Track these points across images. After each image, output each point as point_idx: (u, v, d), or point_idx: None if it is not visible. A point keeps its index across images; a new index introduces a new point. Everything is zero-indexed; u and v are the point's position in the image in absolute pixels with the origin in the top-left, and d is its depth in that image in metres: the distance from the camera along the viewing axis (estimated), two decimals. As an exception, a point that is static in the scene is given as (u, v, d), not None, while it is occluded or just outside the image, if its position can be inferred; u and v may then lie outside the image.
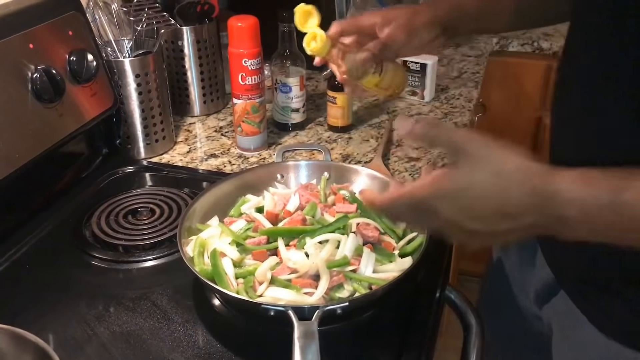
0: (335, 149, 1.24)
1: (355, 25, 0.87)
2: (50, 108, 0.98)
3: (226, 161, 1.21)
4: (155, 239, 0.95)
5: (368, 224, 0.87)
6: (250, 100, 1.17)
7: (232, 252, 0.84)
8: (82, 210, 1.03)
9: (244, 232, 0.90)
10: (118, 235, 0.96)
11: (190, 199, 1.04)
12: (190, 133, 1.32)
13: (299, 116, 1.31)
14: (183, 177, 1.15)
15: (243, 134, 1.21)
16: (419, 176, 1.12)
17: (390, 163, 1.18)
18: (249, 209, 0.94)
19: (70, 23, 1.04)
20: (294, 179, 1.02)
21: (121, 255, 0.93)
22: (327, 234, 0.84)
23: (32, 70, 0.95)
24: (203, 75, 1.35)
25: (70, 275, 0.91)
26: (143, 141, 1.19)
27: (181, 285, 0.87)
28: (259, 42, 1.14)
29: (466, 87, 1.53)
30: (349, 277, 0.80)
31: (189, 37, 1.29)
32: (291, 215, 0.91)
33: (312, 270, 0.80)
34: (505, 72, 1.88)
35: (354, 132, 1.31)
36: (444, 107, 1.42)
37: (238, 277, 0.81)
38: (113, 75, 1.12)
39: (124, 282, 0.90)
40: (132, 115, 1.16)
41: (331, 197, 0.96)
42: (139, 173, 1.17)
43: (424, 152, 1.21)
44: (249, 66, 1.14)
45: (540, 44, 1.81)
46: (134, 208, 1.03)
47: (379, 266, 0.82)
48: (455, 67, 1.65)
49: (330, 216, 0.91)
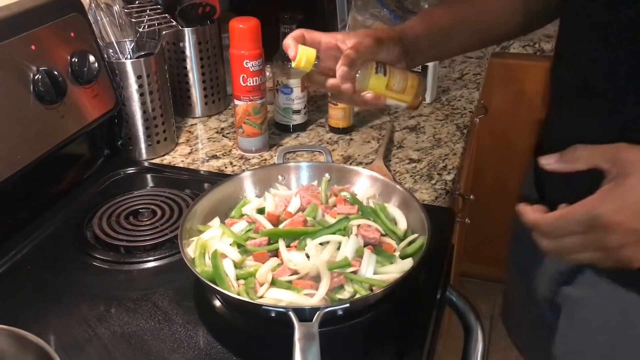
0: (336, 150, 1.24)
1: (312, 39, 0.83)
2: (52, 109, 0.99)
3: (227, 162, 1.21)
4: (156, 240, 0.95)
5: (369, 226, 0.87)
6: (252, 101, 1.17)
7: (233, 253, 0.84)
8: (84, 211, 1.03)
9: (245, 233, 0.90)
10: (119, 236, 0.96)
11: (191, 200, 1.04)
12: (192, 134, 1.32)
13: (300, 117, 1.32)
14: (184, 179, 1.15)
15: (244, 135, 1.21)
16: (417, 177, 1.12)
17: (392, 164, 1.18)
18: (250, 211, 0.94)
19: (72, 25, 1.04)
20: (295, 181, 1.02)
21: (122, 256, 0.93)
22: (328, 235, 0.84)
23: (34, 71, 0.95)
24: (204, 76, 1.35)
25: (72, 276, 0.91)
26: (144, 142, 1.19)
27: (182, 286, 0.87)
28: (260, 43, 1.14)
29: (467, 88, 1.53)
30: (349, 278, 0.80)
31: (190, 39, 1.30)
32: (292, 216, 0.91)
33: (312, 271, 0.80)
34: (507, 73, 1.88)
35: (355, 134, 1.31)
36: (445, 108, 1.42)
37: (239, 278, 0.81)
38: (115, 76, 1.12)
39: (125, 283, 0.90)
40: (133, 116, 1.16)
41: (332, 199, 0.96)
42: (141, 174, 1.17)
43: (425, 153, 1.22)
44: (250, 67, 1.14)
45: (541, 45, 1.81)
46: (135, 209, 1.03)
47: (379, 267, 0.82)
48: (456, 69, 1.65)
49: (331, 217, 0.91)
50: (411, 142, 1.26)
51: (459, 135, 1.29)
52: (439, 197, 1.07)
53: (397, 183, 0.98)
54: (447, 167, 1.16)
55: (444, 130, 1.31)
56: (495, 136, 1.98)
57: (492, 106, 1.89)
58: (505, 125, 1.96)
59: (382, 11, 1.69)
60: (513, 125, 1.96)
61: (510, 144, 2.00)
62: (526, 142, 1.98)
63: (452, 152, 1.22)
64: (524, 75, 1.87)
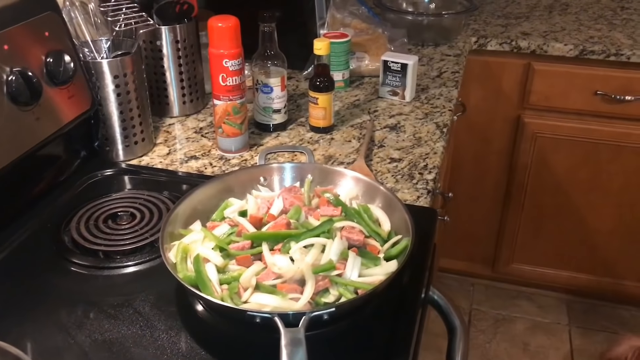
0: (317, 150, 1.23)
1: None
2: (27, 111, 0.96)
3: (207, 163, 1.19)
4: (136, 244, 0.93)
5: (353, 227, 0.87)
6: (231, 101, 1.16)
7: (216, 257, 0.83)
8: (61, 215, 1.01)
9: (228, 236, 0.88)
10: (98, 241, 0.94)
11: (171, 202, 1.03)
12: (170, 134, 1.30)
13: (281, 117, 1.31)
14: (163, 180, 1.13)
15: (224, 136, 1.20)
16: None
17: (373, 164, 1.18)
18: (232, 213, 0.93)
19: (46, 24, 1.01)
20: (277, 182, 1.01)
21: (101, 261, 0.91)
22: (312, 238, 0.83)
23: (7, 72, 0.93)
24: (182, 75, 1.33)
25: (50, 281, 0.89)
26: (122, 143, 1.17)
27: (164, 291, 0.85)
28: (239, 42, 1.12)
29: (446, 86, 1.53)
30: (334, 281, 0.79)
31: (167, 37, 1.28)
32: (275, 219, 0.90)
33: (297, 275, 0.79)
34: (484, 71, 1.89)
35: (336, 133, 1.30)
36: (425, 107, 1.42)
37: (222, 283, 0.80)
38: (91, 76, 1.10)
39: (105, 289, 0.88)
40: (110, 117, 1.14)
41: (315, 200, 0.96)
42: (118, 176, 1.15)
43: (406, 152, 1.22)
44: (229, 67, 1.12)
45: (518, 42, 1.82)
46: (113, 212, 1.01)
47: (364, 270, 0.82)
48: (434, 67, 1.66)
49: (315, 219, 0.90)
50: (392, 141, 1.26)
51: (438, 134, 1.29)
52: (420, 196, 1.07)
53: (379, 184, 0.98)
54: (428, 166, 1.17)
55: (424, 129, 1.31)
56: (473, 133, 1.99)
57: (470, 104, 1.90)
58: (483, 122, 1.97)
59: (361, 9, 1.69)
60: (490, 122, 1.97)
61: (487, 141, 2.01)
62: (503, 139, 2.00)
63: (433, 151, 1.22)
64: (501, 73, 1.88)
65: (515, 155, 2.00)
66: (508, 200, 2.09)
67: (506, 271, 2.23)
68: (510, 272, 2.23)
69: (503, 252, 2.19)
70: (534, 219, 2.10)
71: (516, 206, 2.09)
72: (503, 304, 2.30)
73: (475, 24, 1.97)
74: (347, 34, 1.50)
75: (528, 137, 1.94)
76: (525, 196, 2.06)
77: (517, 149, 1.98)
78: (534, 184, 2.03)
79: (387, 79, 1.44)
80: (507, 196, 2.09)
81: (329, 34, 1.50)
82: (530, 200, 2.07)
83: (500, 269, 2.23)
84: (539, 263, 2.18)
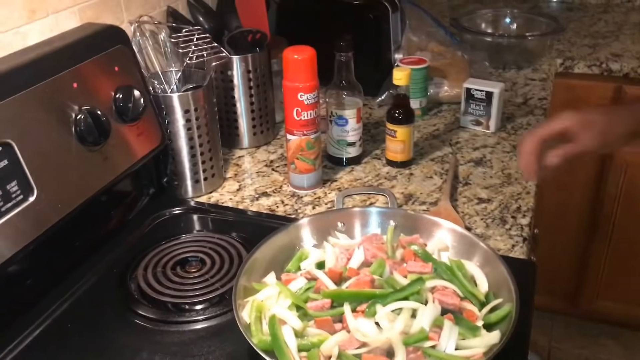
0: (395, 187, 1.14)
1: (550, 134, 0.84)
2: (95, 151, 0.91)
3: (279, 201, 1.12)
4: (206, 296, 0.87)
5: (446, 288, 0.77)
6: (305, 136, 1.09)
7: (294, 320, 0.74)
8: (128, 258, 0.96)
9: (304, 292, 0.81)
10: (166, 291, 0.88)
11: (241, 246, 0.96)
12: (240, 168, 1.24)
13: (355, 150, 1.22)
14: (234, 220, 1.06)
15: (296, 172, 1.13)
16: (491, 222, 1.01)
17: (459, 204, 1.08)
18: (309, 265, 0.85)
19: (116, 58, 0.97)
20: (357, 227, 0.93)
21: (169, 314, 0.85)
22: (400, 301, 0.74)
23: (76, 111, 0.88)
24: (253, 105, 1.27)
25: (113, 335, 0.83)
26: (191, 179, 1.12)
27: (236, 352, 0.79)
28: (315, 74, 1.05)
29: (534, 115, 1.41)
30: (428, 354, 0.70)
31: (239, 67, 1.22)
32: (356, 274, 0.81)
33: (384, 345, 0.70)
34: (570, 95, 1.75)
35: (415, 168, 1.21)
36: (512, 138, 1.31)
37: (301, 350, 0.72)
38: (161, 111, 1.04)
39: (171, 346, 0.81)
40: (180, 152, 1.09)
41: (399, 251, 0.87)
42: (187, 215, 1.09)
43: (495, 192, 1.11)
44: (304, 100, 1.05)
45: (609, 65, 1.68)
46: (182, 257, 0.95)
47: (460, 341, 0.72)
48: (519, 92, 1.54)
49: (401, 275, 0.81)
50: (478, 177, 1.16)
51: (529, 170, 1.17)
52: (515, 245, 0.97)
53: (478, 238, 0.86)
54: (522, 208, 1.05)
55: (512, 164, 1.20)
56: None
57: (555, 130, 1.77)
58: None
59: (438, 31, 1.59)
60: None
61: (572, 172, 1.86)
62: (589, 167, 1.85)
63: (525, 190, 1.11)
64: (588, 97, 1.74)
65: (602, 185, 1.84)
66: (593, 232, 1.94)
67: (590, 307, 2.07)
68: (594, 309, 2.07)
69: (587, 287, 2.03)
70: (622, 253, 1.93)
71: (602, 238, 1.93)
72: (585, 343, 2.13)
73: (559, 44, 1.83)
74: (425, 59, 1.41)
75: (617, 165, 1.79)
76: (613, 229, 1.90)
77: (605, 178, 1.83)
78: (624, 216, 1.87)
79: (469, 108, 1.34)
80: (592, 228, 1.93)
81: (406, 60, 1.41)
82: (618, 233, 1.91)
83: (584, 305, 2.07)
84: (628, 300, 2.01)
